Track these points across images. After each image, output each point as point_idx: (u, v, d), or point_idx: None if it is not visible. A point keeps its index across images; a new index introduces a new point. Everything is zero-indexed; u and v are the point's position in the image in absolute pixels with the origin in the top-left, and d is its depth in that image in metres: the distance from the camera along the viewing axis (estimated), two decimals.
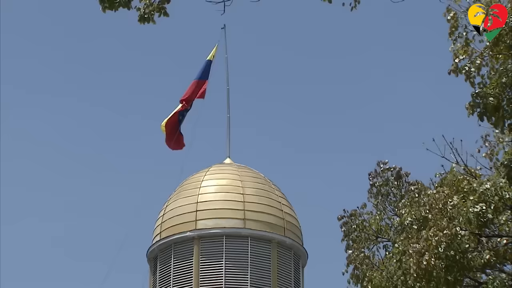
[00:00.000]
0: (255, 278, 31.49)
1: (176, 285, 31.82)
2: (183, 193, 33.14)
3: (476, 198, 14.74)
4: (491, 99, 13.52)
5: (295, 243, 32.65)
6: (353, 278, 16.81)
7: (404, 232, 15.53)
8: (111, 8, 12.32)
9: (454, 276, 14.70)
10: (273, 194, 33.29)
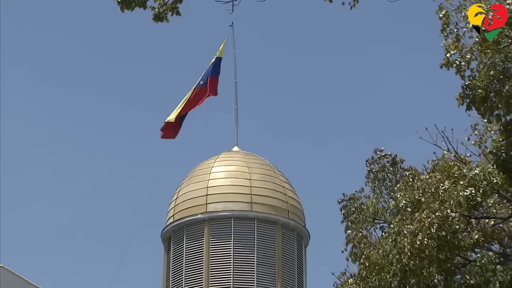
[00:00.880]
0: (261, 258, 31.54)
1: (188, 263, 31.88)
2: (194, 178, 33.18)
3: (466, 182, 14.73)
4: (480, 91, 13.52)
5: (298, 224, 32.69)
6: (351, 256, 16.82)
7: (399, 214, 15.54)
8: (128, 8, 12.34)
9: (445, 255, 14.69)
10: (278, 179, 33.32)
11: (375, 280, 15.81)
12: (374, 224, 17.32)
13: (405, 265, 14.92)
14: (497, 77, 13.33)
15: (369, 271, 15.89)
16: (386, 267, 15.51)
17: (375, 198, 17.50)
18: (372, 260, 15.79)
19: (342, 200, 17.61)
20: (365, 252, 16.24)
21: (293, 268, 32.24)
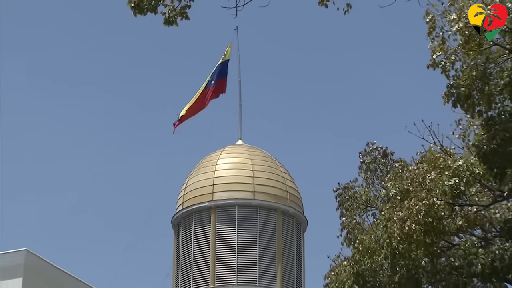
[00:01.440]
0: (263, 242, 31.58)
1: (196, 247, 31.92)
2: (202, 169, 33.22)
3: (451, 173, 14.73)
4: (463, 89, 13.53)
5: (297, 212, 32.73)
6: (346, 241, 16.82)
7: (389, 202, 15.52)
8: (141, 13, 12.33)
9: (431, 239, 14.68)
10: (278, 170, 33.35)
11: (368, 262, 15.82)
12: (366, 211, 17.31)
13: (395, 249, 14.91)
14: (479, 77, 13.33)
15: (362, 254, 15.88)
16: (377, 251, 15.52)
17: (368, 187, 17.48)
18: (364, 244, 15.78)
19: (337, 189, 17.61)
20: (358, 237, 16.24)
21: (292, 251, 32.29)
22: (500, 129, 13.27)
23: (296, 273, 32.38)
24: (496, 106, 13.56)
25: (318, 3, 12.27)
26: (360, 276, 15.85)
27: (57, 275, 18.64)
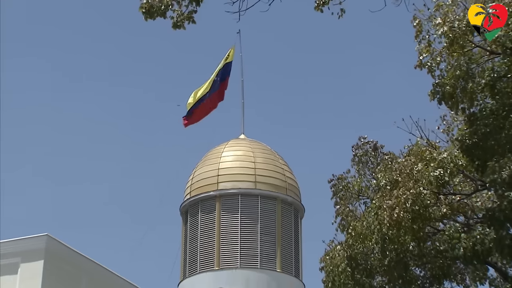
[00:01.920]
0: (264, 228, 31.62)
1: (202, 233, 31.97)
2: (207, 161, 33.25)
3: (436, 165, 14.73)
4: (448, 88, 13.52)
5: (295, 200, 32.77)
6: (340, 227, 16.80)
7: (380, 191, 15.51)
8: (151, 17, 12.32)
9: (418, 225, 14.67)
10: (278, 162, 33.38)
11: (360, 247, 15.82)
12: (358, 200, 17.29)
13: (384, 234, 14.92)
14: (462, 76, 13.34)
15: (355, 239, 15.89)
16: (368, 236, 15.53)
17: (360, 178, 17.46)
18: (357, 230, 15.80)
19: (331, 180, 17.60)
20: (351, 223, 16.23)
21: (290, 236, 32.33)
22: (481, 124, 13.27)
23: (294, 256, 32.44)
24: (477, 103, 13.56)
25: (314, 8, 12.25)
26: (353, 259, 15.87)
27: (76, 258, 18.69)
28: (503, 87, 12.90)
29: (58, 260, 18.27)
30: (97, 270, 19.35)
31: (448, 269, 15.42)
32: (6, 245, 18.19)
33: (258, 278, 31.07)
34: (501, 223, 13.93)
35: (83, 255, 18.83)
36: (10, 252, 18.13)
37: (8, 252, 18.15)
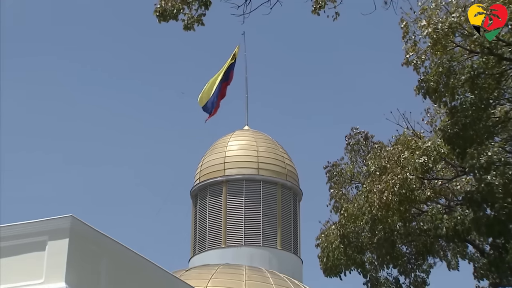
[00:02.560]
0: (265, 210, 31.68)
1: (211, 215, 32.03)
2: (215, 150, 33.27)
3: (421, 152, 14.69)
4: (432, 83, 13.48)
5: (294, 185, 32.81)
6: (334, 209, 16.79)
7: (370, 176, 15.48)
8: (164, 20, 12.31)
9: (404, 207, 14.66)
10: (278, 151, 33.41)
11: (352, 226, 15.81)
12: (351, 184, 17.25)
13: (374, 215, 14.93)
14: (444, 73, 13.31)
15: (347, 220, 15.88)
16: (360, 217, 15.51)
17: (352, 164, 17.43)
18: (349, 211, 15.78)
19: (327, 166, 17.58)
20: (344, 205, 16.21)
21: (289, 218, 32.38)
22: (461, 116, 13.26)
23: (293, 235, 32.50)
24: (458, 97, 13.53)
25: (311, 11, 12.25)
26: (345, 237, 15.86)
27: (97, 236, 18.70)
28: (481, 82, 12.88)
29: (82, 239, 18.28)
30: (117, 248, 19.37)
31: (432, 246, 15.42)
32: (35, 224, 18.22)
33: (261, 255, 31.14)
34: (479, 205, 13.95)
35: (104, 233, 18.84)
36: (39, 231, 18.12)
37: (37, 231, 18.15)
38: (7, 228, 18.21)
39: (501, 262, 14.27)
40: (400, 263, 15.57)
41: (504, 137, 14.18)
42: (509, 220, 13.74)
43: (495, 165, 13.19)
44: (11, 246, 17.88)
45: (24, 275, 17.57)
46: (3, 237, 17.98)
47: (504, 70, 12.91)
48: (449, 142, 13.71)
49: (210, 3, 11.96)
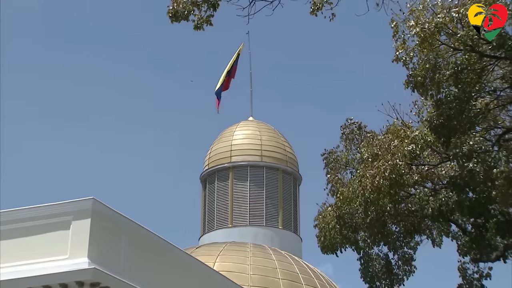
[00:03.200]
0: (268, 193, 31.76)
1: (219, 197, 32.12)
2: (222, 139, 33.33)
3: (409, 141, 14.68)
4: (419, 78, 13.46)
5: (294, 170, 32.87)
6: (330, 192, 16.77)
7: (363, 163, 15.47)
8: (176, 20, 12.35)
9: (394, 190, 14.65)
10: (280, 139, 33.46)
11: (346, 208, 15.78)
12: (346, 170, 17.24)
13: (367, 198, 14.92)
14: (431, 69, 13.30)
15: (342, 202, 15.86)
16: (354, 200, 15.49)
17: (347, 152, 17.39)
18: (344, 195, 15.76)
19: (324, 153, 17.57)
20: (339, 189, 16.18)
21: (290, 200, 32.47)
22: (446, 108, 13.26)
23: (293, 216, 32.59)
24: (443, 90, 13.51)
25: (310, 13, 12.27)
26: (341, 218, 15.87)
27: (116, 216, 18.78)
28: (464, 77, 12.88)
29: (102, 218, 18.36)
30: (134, 227, 19.45)
31: (418, 226, 15.45)
32: (60, 206, 18.31)
33: (264, 234, 31.26)
34: (462, 188, 13.99)
35: (122, 214, 18.94)
36: (64, 211, 18.21)
37: (62, 212, 18.24)
38: (36, 209, 18.34)
39: (481, 239, 14.31)
40: (390, 241, 15.59)
41: (485, 127, 14.19)
42: (488, 202, 13.78)
43: (476, 153, 13.21)
44: (40, 226, 17.99)
45: (50, 252, 17.68)
46: (32, 217, 18.11)
47: (485, 66, 12.90)
48: (435, 131, 13.70)
49: (218, 5, 11.97)
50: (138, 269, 18.88)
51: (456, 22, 12.67)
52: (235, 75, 32.13)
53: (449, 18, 12.59)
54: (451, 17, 12.41)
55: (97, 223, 17.89)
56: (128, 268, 18.46)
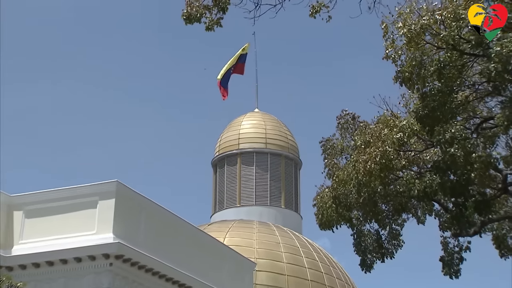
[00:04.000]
0: (272, 176, 31.90)
1: (228, 180, 32.30)
2: (231, 128, 33.46)
3: (397, 130, 14.64)
4: (407, 74, 13.44)
5: (295, 156, 33.01)
6: (327, 176, 16.66)
7: (356, 149, 15.42)
8: (190, 22, 12.38)
9: (384, 174, 14.60)
10: (282, 129, 33.57)
11: (342, 189, 15.74)
12: (341, 156, 17.16)
13: (360, 180, 14.92)
14: (417, 65, 13.30)
15: (338, 184, 15.81)
16: (348, 182, 15.46)
17: (342, 139, 17.31)
18: (339, 177, 15.73)
19: (321, 141, 17.55)
20: (335, 173, 16.14)
21: (291, 182, 32.63)
22: (430, 100, 13.27)
23: (294, 197, 32.75)
24: (428, 85, 13.52)
25: (309, 15, 12.32)
26: (337, 198, 15.87)
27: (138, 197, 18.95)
28: (447, 73, 12.89)
29: (125, 198, 18.56)
30: (153, 206, 19.64)
31: (406, 205, 15.47)
32: (88, 187, 18.52)
33: (268, 212, 31.47)
34: (444, 171, 14.02)
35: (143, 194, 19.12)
36: (91, 192, 18.44)
37: (90, 193, 18.47)
38: (66, 190, 18.57)
39: (461, 217, 14.38)
40: (380, 218, 15.63)
41: (465, 117, 14.23)
42: (468, 183, 13.84)
43: (457, 140, 13.25)
44: (70, 205, 18.24)
45: (80, 228, 17.94)
46: (64, 197, 18.36)
47: (465, 63, 12.92)
48: (420, 121, 13.71)
49: (227, 8, 12.01)
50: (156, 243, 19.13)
51: (439, 24, 12.67)
52: (243, 71, 32.18)
53: (433, 20, 12.60)
54: (435, 19, 12.42)
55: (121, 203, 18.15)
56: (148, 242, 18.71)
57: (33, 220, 18.41)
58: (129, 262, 17.81)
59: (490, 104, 14.26)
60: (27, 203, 18.60)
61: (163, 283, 19.14)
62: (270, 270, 28.03)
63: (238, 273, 23.15)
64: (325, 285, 29.01)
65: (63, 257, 17.73)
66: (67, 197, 18.41)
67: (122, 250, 17.68)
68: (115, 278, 17.47)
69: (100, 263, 17.30)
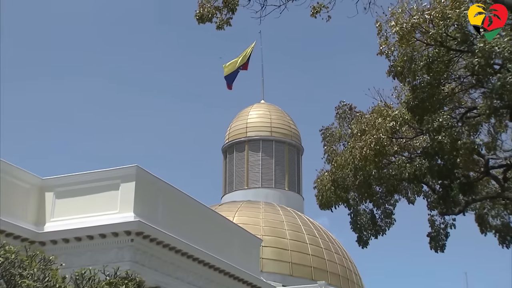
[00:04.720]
0: (277, 161, 32.04)
1: (237, 165, 32.47)
2: (239, 118, 33.56)
3: (390, 119, 14.65)
4: (399, 68, 13.43)
5: (297, 143, 33.10)
6: (327, 161, 16.72)
7: (353, 137, 15.41)
8: (202, 22, 12.43)
9: (378, 159, 14.66)
10: (286, 118, 33.65)
11: (340, 173, 15.80)
12: (339, 143, 17.19)
13: (356, 165, 14.97)
14: (408, 60, 13.31)
15: (336, 168, 15.86)
16: (345, 166, 15.51)
17: (340, 128, 17.32)
18: (338, 162, 15.78)
19: (321, 129, 17.58)
20: (334, 158, 16.20)
21: (294, 167, 32.76)
22: (420, 92, 13.28)
23: (297, 180, 32.89)
24: (418, 78, 13.53)
25: (310, 15, 12.36)
26: (335, 181, 15.91)
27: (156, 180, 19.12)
28: (435, 67, 12.90)
29: (144, 181, 18.76)
30: (169, 188, 19.84)
31: (397, 187, 15.53)
32: (111, 171, 18.72)
33: (273, 194, 31.64)
34: (432, 157, 14.08)
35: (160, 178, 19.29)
36: (114, 176, 18.65)
37: (113, 176, 18.67)
38: (92, 174, 18.78)
39: (447, 197, 14.46)
40: (375, 199, 15.70)
41: (451, 107, 14.26)
42: (453, 167, 13.91)
43: (444, 128, 13.30)
44: (95, 187, 18.46)
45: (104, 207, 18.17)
46: (89, 180, 18.58)
47: (451, 58, 12.93)
48: (411, 111, 13.72)
49: (236, 9, 12.07)
50: (172, 222, 19.36)
51: (428, 23, 12.68)
52: (248, 67, 32.20)
53: (423, 19, 12.60)
54: (424, 18, 12.43)
55: (140, 185, 18.36)
56: (165, 221, 18.94)
57: (62, 200, 18.67)
58: (148, 239, 18.05)
59: (474, 95, 14.32)
60: (57, 185, 18.84)
61: (179, 257, 19.40)
62: (275, 246, 28.31)
63: (246, 248, 23.40)
64: (324, 259, 29.29)
65: (90, 233, 17.99)
66: (92, 180, 18.63)
67: (142, 228, 17.92)
68: (136, 252, 17.74)
69: (123, 239, 17.55)
